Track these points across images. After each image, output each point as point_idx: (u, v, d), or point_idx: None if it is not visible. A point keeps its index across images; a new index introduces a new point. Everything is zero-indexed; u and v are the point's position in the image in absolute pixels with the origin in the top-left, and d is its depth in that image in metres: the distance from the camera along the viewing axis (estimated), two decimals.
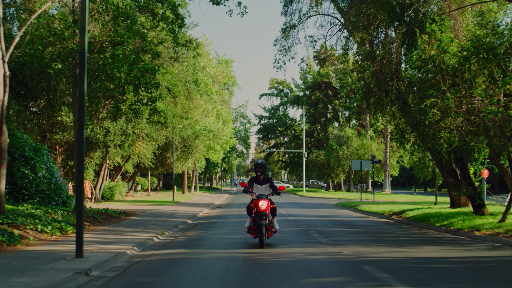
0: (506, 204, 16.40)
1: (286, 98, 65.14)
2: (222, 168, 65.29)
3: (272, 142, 71.45)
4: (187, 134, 36.50)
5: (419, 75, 15.67)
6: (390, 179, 56.54)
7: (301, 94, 63.57)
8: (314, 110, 60.38)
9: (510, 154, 14.56)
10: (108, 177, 33.62)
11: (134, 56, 16.36)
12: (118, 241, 10.92)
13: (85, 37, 9.04)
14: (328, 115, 61.98)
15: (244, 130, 67.70)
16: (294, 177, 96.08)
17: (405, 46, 17.05)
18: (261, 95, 66.79)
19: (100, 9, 15.36)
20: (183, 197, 39.06)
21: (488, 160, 19.86)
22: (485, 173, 23.43)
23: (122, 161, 30.74)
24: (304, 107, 59.38)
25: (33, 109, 27.45)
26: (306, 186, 61.55)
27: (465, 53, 14.56)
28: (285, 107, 65.67)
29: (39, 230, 11.55)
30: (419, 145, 17.07)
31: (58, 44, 15.96)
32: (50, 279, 6.59)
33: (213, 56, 50.92)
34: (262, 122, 66.75)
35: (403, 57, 17.97)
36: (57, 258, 8.27)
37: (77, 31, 15.86)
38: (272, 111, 66.33)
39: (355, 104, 56.48)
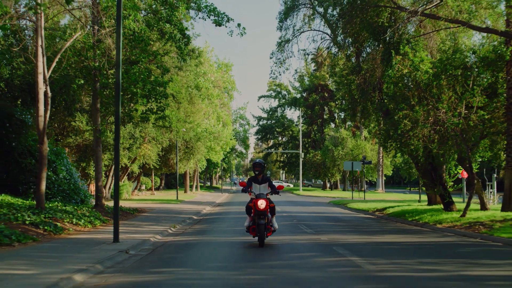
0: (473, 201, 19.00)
1: (284, 100, 67.81)
2: (222, 168, 67.87)
3: (271, 142, 74.12)
4: (189, 136, 39.08)
5: (395, 89, 18.21)
6: (384, 178, 59.16)
7: (298, 96, 66.20)
8: (311, 112, 63.01)
9: (471, 159, 17.19)
10: None
11: (147, 73, 18.93)
12: (140, 231, 13.48)
13: (119, 69, 11.60)
14: (325, 116, 64.58)
15: (243, 132, 70.39)
16: (293, 176, 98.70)
17: (385, 62, 19.59)
18: (260, 97, 69.52)
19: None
20: (185, 196, 41.68)
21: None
22: (465, 174, 26.09)
23: (128, 162, 33.36)
24: (301, 108, 62.04)
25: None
26: (309, 185, 64.16)
27: (435, 70, 17.15)
28: (283, 109, 68.38)
29: (74, 223, 14.10)
30: (396, 150, 19.67)
31: (81, 63, 18.53)
32: (102, 255, 9.14)
33: (213, 60, 53.51)
34: (261, 123, 69.46)
35: (384, 72, 20.55)
36: (99, 243, 10.82)
37: (97, 51, 18.47)
38: (270, 113, 68.99)
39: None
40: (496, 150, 19.24)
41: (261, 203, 10.60)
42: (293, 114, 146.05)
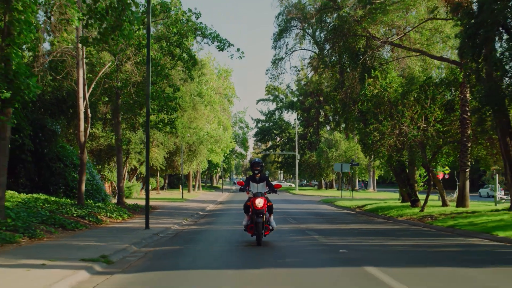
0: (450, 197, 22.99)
1: (281, 103, 71.89)
2: (222, 168, 71.95)
3: (269, 143, 78.25)
4: (192, 140, 43.11)
5: (368, 105, 22.16)
6: (377, 178, 63.18)
7: (295, 99, 70.26)
8: (307, 115, 67.05)
9: (432, 164, 21.18)
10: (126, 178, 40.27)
11: (161, 91, 22.90)
12: (161, 222, 17.42)
13: (149, 100, 15.54)
14: (320, 119, 68.60)
15: (243, 134, 74.53)
16: (291, 176, 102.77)
17: (361, 82, 23.55)
18: (258, 100, 73.69)
19: (139, 59, 21.84)
20: (189, 195, 45.71)
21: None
22: (441, 175, 30.11)
23: (138, 164, 37.44)
24: (297, 111, 66.10)
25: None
26: (315, 185, 67.98)
27: (402, 89, 21.12)
28: (280, 112, 72.48)
29: (108, 216, 18.06)
30: (371, 156, 23.66)
31: (106, 84, 22.50)
32: (142, 235, 13.08)
33: (214, 66, 57.53)
34: (259, 125, 73.60)
35: (360, 91, 24.53)
36: (135, 229, 14.77)
37: (120, 74, 22.44)
38: (268, 115, 73.12)
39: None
40: (455, 156, 23.24)
41: (259, 202, 10.86)
42: (290, 117, 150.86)
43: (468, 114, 20.54)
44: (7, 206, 13.50)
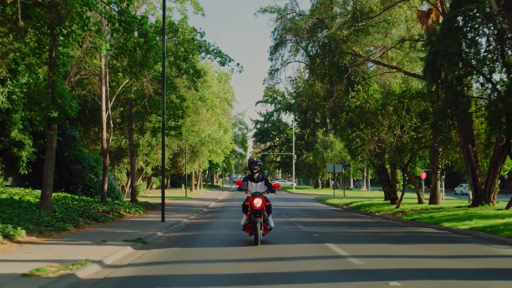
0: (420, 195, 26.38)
1: (279, 105, 75.36)
2: (222, 168, 75.46)
3: (268, 144, 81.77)
4: (194, 142, 46.55)
5: (351, 115, 25.54)
6: (371, 177, 66.60)
7: (292, 101, 73.70)
8: (304, 116, 70.47)
9: (404, 167, 24.57)
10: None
11: (169, 101, 26.26)
12: (173, 217, 20.77)
13: (164, 115, 18.91)
14: (316, 120, 72.00)
15: (242, 135, 78.06)
16: (289, 175, 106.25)
17: (347, 94, 26.93)
18: (257, 102, 77.26)
19: (151, 76, 25.19)
20: (192, 193, 49.15)
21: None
22: (423, 175, 33.53)
23: (144, 165, 40.87)
24: (295, 113, 69.54)
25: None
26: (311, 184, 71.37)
27: (382, 100, 24.49)
28: (278, 113, 75.94)
29: (127, 211, 21.45)
30: (354, 160, 27.07)
31: (122, 96, 25.88)
32: (161, 226, 16.46)
33: (214, 70, 60.96)
34: (258, 126, 77.10)
35: (345, 101, 27.94)
36: (153, 222, 18.14)
37: (134, 87, 25.78)
38: (267, 116, 76.60)
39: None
40: (428, 160, 26.66)
41: (257, 202, 10.99)
42: (288, 118, 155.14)
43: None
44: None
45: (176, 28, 25.90)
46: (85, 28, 14.95)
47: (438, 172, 25.02)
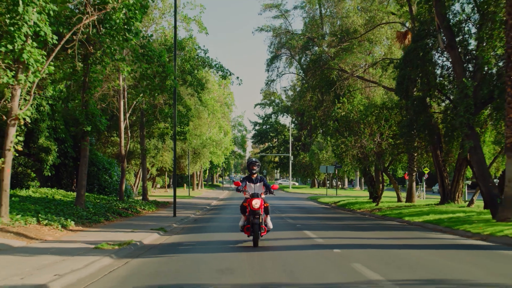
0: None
1: (277, 107, 79.27)
2: (222, 168, 79.43)
3: (266, 144, 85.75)
4: (197, 144, 50.39)
5: (336, 124, 29.30)
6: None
7: (289, 104, 77.55)
8: (301, 119, 74.24)
9: (382, 169, 28.39)
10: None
11: (178, 112, 30.05)
12: (181, 213, 24.53)
13: (175, 129, 22.72)
14: (312, 122, 75.85)
15: (241, 137, 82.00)
16: (287, 175, 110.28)
17: (334, 104, 30.75)
18: (256, 105, 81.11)
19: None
20: (194, 193, 53.01)
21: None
22: (407, 176, 37.31)
23: (150, 166, 44.71)
24: (292, 115, 73.37)
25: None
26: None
27: (364, 111, 28.29)
28: (276, 115, 79.84)
29: (142, 208, 25.25)
30: (344, 162, 30.91)
31: (135, 107, 29.70)
32: (174, 219, 20.25)
33: (215, 75, 64.83)
34: (257, 128, 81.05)
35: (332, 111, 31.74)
36: (167, 217, 21.92)
37: (145, 99, 29.58)
38: (265, 118, 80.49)
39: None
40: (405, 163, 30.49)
41: (256, 203, 11.12)
42: (286, 120, 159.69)
43: (414, 131, 27.78)
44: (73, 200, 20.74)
45: (183, 47, 29.70)
46: (113, 58, 18.72)
47: (413, 174, 28.85)
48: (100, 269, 8.70)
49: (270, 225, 12.14)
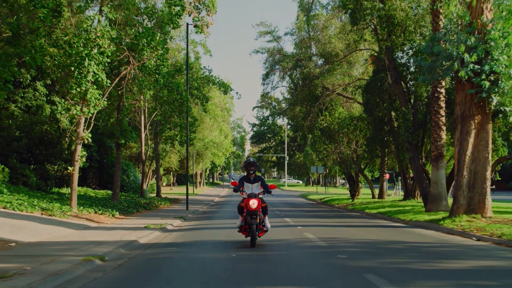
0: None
1: (274, 110, 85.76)
2: (223, 167, 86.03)
3: (264, 145, 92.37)
4: (199, 147, 56.86)
5: (318, 133, 35.66)
6: None
7: (286, 106, 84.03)
8: (296, 121, 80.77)
9: (358, 171, 34.83)
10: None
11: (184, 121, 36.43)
12: (191, 207, 30.93)
13: (188, 142, 29.13)
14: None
15: (240, 138, 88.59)
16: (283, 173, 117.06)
17: (318, 116, 37.14)
18: (254, 107, 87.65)
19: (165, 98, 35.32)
20: (197, 190, 59.50)
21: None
22: (387, 176, 43.81)
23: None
24: (288, 117, 79.78)
25: None
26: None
27: (342, 123, 34.72)
28: (273, 118, 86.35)
29: (159, 203, 31.64)
30: (327, 165, 37.34)
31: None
32: (188, 212, 26.63)
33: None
34: (255, 129, 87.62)
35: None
36: (181, 210, 28.27)
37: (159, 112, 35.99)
38: (263, 120, 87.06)
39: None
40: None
41: (253, 203, 11.21)
42: (283, 122, 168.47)
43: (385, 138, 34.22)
44: (104, 196, 27.12)
45: (191, 67, 36.04)
46: (140, 87, 25.07)
47: (384, 175, 35.30)
48: (156, 237, 15.06)
49: (268, 225, 12.24)
